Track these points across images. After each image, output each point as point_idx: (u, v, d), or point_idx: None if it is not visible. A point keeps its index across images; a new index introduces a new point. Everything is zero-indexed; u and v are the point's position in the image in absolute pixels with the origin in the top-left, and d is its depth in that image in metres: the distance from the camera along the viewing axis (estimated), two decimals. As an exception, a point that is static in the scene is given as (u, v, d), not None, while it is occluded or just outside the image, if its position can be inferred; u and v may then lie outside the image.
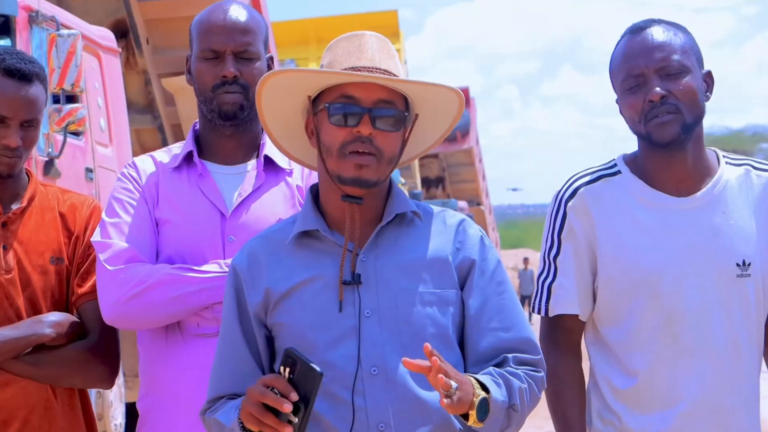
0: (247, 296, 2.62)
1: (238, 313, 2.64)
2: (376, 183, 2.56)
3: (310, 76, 2.59)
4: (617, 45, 2.95)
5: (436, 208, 2.71)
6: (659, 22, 2.92)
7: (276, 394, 2.36)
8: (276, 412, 2.36)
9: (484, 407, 2.41)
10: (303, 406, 2.35)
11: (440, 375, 2.32)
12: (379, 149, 2.53)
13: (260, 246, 2.65)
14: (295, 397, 2.35)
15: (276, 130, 2.72)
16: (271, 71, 2.62)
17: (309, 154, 2.76)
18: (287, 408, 2.33)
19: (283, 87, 2.61)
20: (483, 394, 2.42)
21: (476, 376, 2.46)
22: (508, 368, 2.55)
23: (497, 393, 2.45)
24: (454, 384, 2.34)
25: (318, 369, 2.33)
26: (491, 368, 2.53)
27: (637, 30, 2.90)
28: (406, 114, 2.59)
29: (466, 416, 2.41)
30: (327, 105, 2.55)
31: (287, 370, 2.38)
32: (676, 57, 2.84)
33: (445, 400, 2.34)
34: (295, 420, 2.35)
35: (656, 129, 2.85)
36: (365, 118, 2.52)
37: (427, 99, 2.62)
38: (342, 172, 2.54)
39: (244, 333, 2.63)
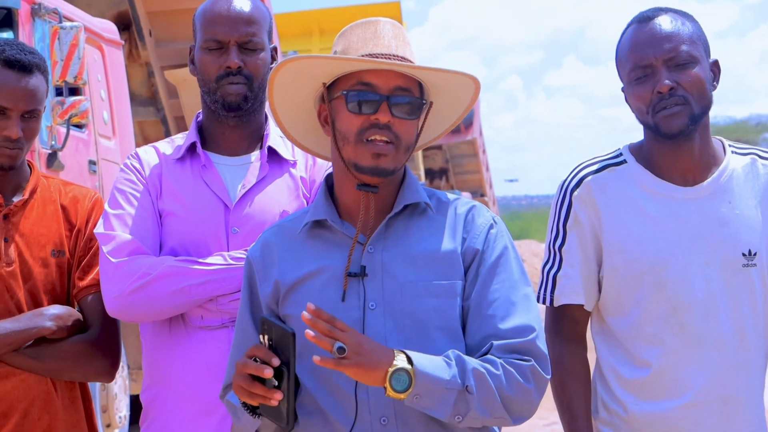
0: (259, 287, 2.63)
1: (249, 303, 2.64)
2: (393, 171, 2.54)
3: (328, 63, 2.56)
4: (624, 34, 2.93)
5: (450, 196, 2.67)
6: (666, 10, 2.89)
7: (257, 362, 2.38)
8: (264, 381, 2.38)
9: (403, 379, 2.37)
10: (286, 369, 2.37)
11: (308, 330, 2.33)
12: (397, 136, 2.52)
13: (274, 236, 2.65)
14: (276, 362, 2.37)
15: (284, 118, 2.70)
16: (287, 58, 2.61)
17: (317, 143, 2.74)
18: (268, 373, 2.35)
19: (297, 74, 2.59)
20: (402, 364, 2.37)
21: (408, 351, 2.41)
22: (487, 356, 2.48)
23: (438, 371, 2.39)
24: (337, 344, 2.33)
25: (290, 329, 2.36)
26: (449, 351, 2.46)
27: (644, 19, 2.88)
28: (423, 102, 2.57)
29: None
30: (344, 92, 2.53)
31: (266, 337, 2.41)
32: (684, 47, 2.82)
33: (333, 359, 2.33)
34: (278, 383, 2.37)
35: (664, 121, 2.83)
36: (383, 106, 2.50)
37: (442, 87, 2.60)
38: (359, 161, 2.52)
39: (254, 322, 2.63)
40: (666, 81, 2.81)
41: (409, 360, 2.39)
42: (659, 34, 2.84)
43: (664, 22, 2.86)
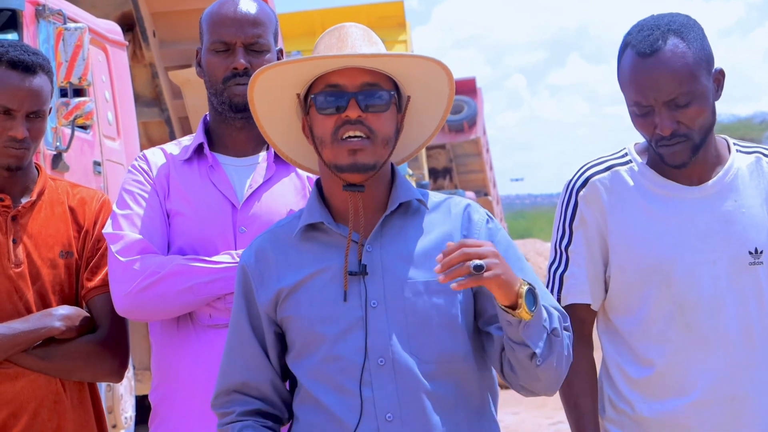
0: (256, 294, 2.63)
1: (247, 310, 2.65)
2: (374, 167, 2.56)
3: (293, 68, 2.59)
4: (623, 55, 2.85)
5: (440, 196, 2.69)
6: (666, 36, 2.80)
7: None
8: None
9: (531, 298, 2.41)
10: None
11: (439, 276, 2.33)
12: (371, 130, 2.54)
13: (268, 242, 2.66)
14: None
15: (276, 136, 2.73)
16: (252, 75, 2.63)
17: (312, 160, 2.75)
18: None
19: (274, 88, 2.62)
20: (528, 285, 2.42)
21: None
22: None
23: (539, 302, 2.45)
24: (473, 263, 2.33)
25: None
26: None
27: (644, 54, 2.79)
28: (393, 93, 2.58)
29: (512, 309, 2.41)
30: (313, 96, 2.57)
31: None
32: (685, 88, 2.77)
33: (473, 278, 2.33)
34: None
35: (667, 156, 2.83)
36: (352, 102, 2.53)
37: (414, 77, 2.61)
38: (338, 160, 2.54)
39: (253, 329, 2.65)
40: (666, 124, 2.78)
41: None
42: (660, 75, 2.77)
43: (665, 59, 2.78)
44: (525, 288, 2.41)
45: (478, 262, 2.32)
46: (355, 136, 2.53)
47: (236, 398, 2.66)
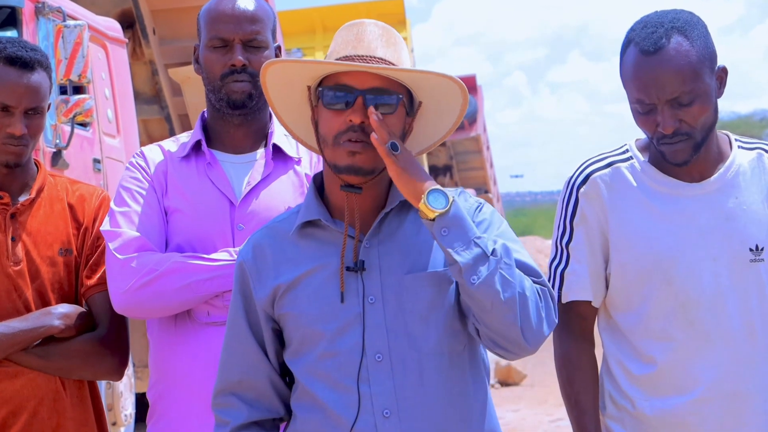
0: (254, 290, 2.63)
1: (244, 306, 2.65)
2: (372, 171, 2.54)
3: (305, 66, 2.58)
4: (627, 54, 2.84)
5: None
6: (670, 34, 2.79)
7: None
8: None
9: (441, 199, 2.43)
10: None
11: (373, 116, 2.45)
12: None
13: (265, 238, 2.65)
14: None
15: (288, 119, 2.71)
16: (267, 62, 2.62)
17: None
18: None
19: (285, 78, 2.61)
20: (438, 187, 2.44)
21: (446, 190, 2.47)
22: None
23: (464, 209, 2.47)
24: (392, 141, 2.44)
25: None
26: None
27: (647, 52, 2.78)
28: (401, 97, 2.55)
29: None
30: (320, 90, 2.55)
31: None
32: (688, 87, 2.76)
33: (386, 149, 2.45)
34: None
35: (669, 153, 2.82)
36: (358, 101, 2.51)
37: (426, 88, 2.58)
38: (336, 161, 2.53)
39: (250, 325, 2.64)
40: (669, 123, 2.77)
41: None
42: (663, 74, 2.76)
43: (668, 58, 2.76)
44: (432, 188, 2.44)
45: (394, 141, 2.46)
46: (356, 140, 2.51)
47: (233, 403, 2.66)
